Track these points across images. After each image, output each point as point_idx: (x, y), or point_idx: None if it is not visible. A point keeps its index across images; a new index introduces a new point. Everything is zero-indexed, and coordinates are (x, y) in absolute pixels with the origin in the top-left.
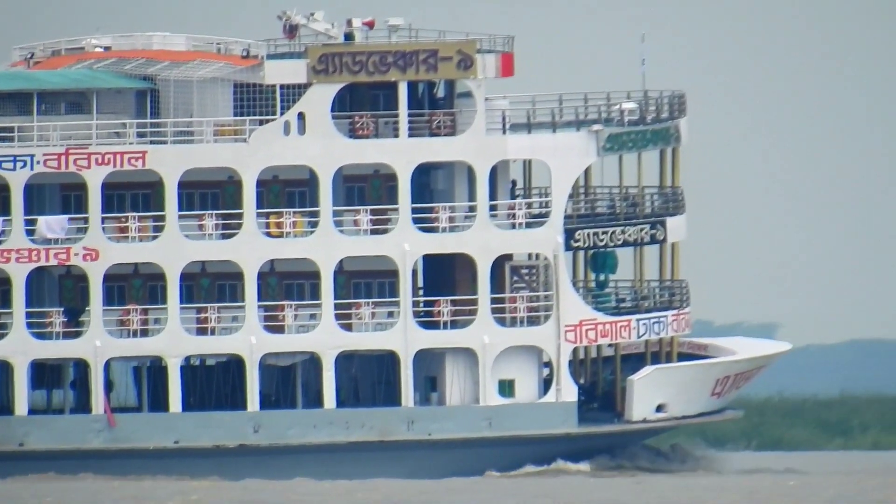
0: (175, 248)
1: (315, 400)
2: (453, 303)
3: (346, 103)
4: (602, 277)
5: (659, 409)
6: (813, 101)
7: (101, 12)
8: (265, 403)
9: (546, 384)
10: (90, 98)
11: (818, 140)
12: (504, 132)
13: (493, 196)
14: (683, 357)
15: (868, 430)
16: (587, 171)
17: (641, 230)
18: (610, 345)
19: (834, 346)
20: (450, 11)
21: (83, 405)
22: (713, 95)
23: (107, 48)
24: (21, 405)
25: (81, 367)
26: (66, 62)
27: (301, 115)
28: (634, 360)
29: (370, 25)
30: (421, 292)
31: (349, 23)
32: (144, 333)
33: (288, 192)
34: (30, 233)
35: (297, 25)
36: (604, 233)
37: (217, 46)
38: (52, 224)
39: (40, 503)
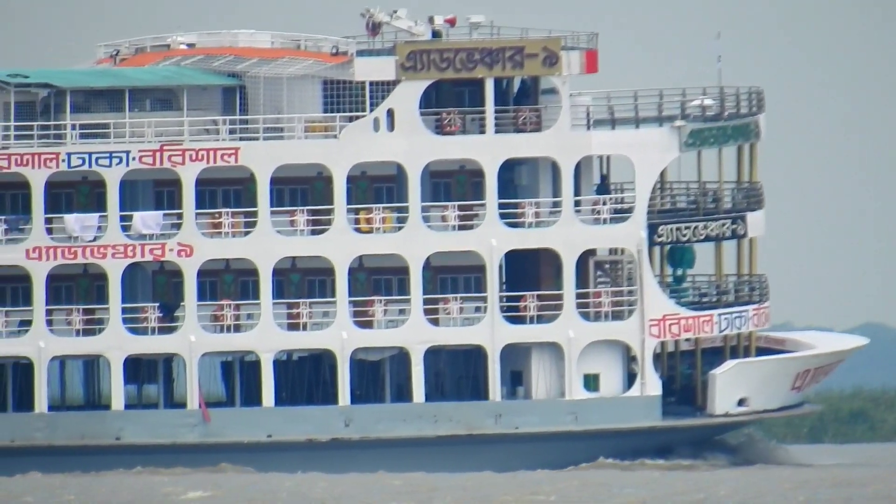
0: (267, 243)
1: (399, 394)
2: (538, 298)
3: (431, 100)
4: (680, 272)
5: (740, 402)
6: (890, 97)
7: (184, 10)
8: (352, 398)
9: (630, 378)
10: (179, 95)
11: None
12: (588, 128)
13: (577, 191)
14: (761, 351)
15: None
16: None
17: (723, 225)
18: (687, 339)
19: None
20: (526, 8)
21: (169, 400)
22: (786, 92)
23: (191, 45)
24: (117, 400)
25: (167, 362)
26: (152, 59)
27: (390, 112)
28: (710, 355)
29: (452, 23)
30: (504, 287)
31: (431, 20)
32: (237, 329)
33: (375, 187)
34: (125, 228)
35: (380, 23)
36: (686, 228)
37: (301, 43)
38: (147, 220)
39: (135, 496)
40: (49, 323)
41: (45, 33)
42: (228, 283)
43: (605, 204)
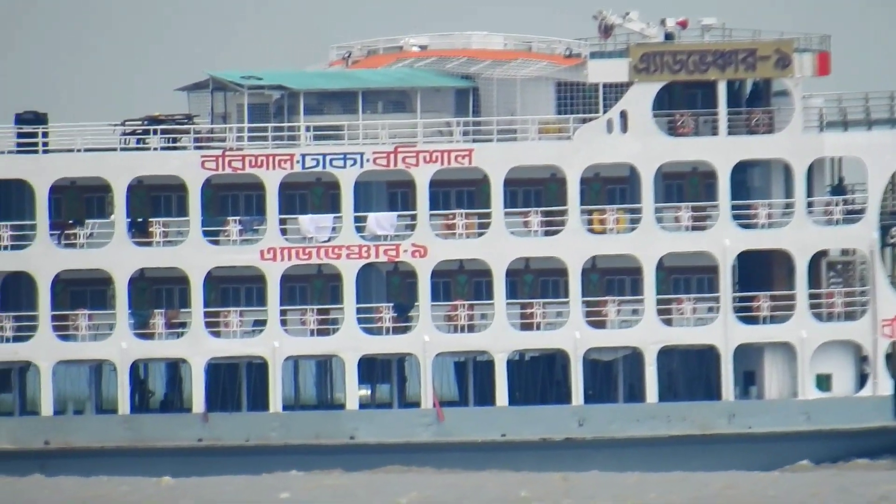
0: (500, 244)
1: (631, 394)
2: (771, 298)
3: (664, 102)
4: None
5: None
6: None
7: (416, 12)
8: (584, 398)
9: (861, 378)
10: (412, 97)
11: None
12: (821, 130)
13: (809, 193)
14: None
15: None
16: None
17: None
18: None
19: None
20: (758, 9)
21: (402, 399)
22: None
23: (424, 47)
24: (352, 400)
25: (400, 362)
26: (385, 61)
27: (623, 114)
28: None
29: (684, 25)
30: (737, 288)
31: (663, 22)
32: (471, 329)
33: (608, 189)
34: (359, 230)
35: (613, 25)
36: None
37: (532, 45)
38: (381, 221)
39: (371, 495)
40: (283, 323)
41: (278, 35)
42: (462, 283)
43: (837, 205)
